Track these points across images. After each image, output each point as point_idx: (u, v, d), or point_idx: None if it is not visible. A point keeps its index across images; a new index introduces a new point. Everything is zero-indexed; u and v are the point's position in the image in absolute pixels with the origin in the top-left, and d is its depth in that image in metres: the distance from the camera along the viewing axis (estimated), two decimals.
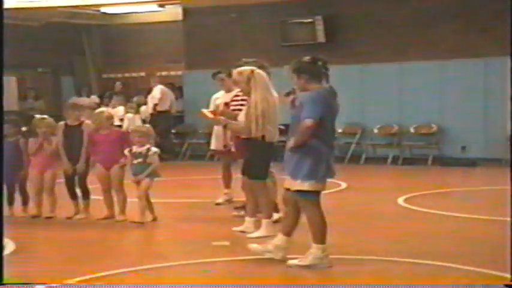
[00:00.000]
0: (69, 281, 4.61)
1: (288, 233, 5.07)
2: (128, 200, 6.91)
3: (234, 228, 6.19)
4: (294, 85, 5.00)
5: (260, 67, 6.65)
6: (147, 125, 6.90)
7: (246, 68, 6.04)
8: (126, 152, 6.73)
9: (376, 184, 9.89)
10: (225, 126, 6.41)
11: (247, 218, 6.20)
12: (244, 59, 6.72)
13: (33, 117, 7.53)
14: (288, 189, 4.98)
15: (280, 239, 5.07)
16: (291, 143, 4.89)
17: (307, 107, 4.80)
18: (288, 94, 5.05)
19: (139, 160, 6.65)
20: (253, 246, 5.20)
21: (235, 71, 6.09)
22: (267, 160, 6.04)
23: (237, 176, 6.91)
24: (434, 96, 11.96)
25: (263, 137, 5.89)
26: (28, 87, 14.78)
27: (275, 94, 6.05)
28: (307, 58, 4.98)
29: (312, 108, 4.79)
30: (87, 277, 4.72)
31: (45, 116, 7.36)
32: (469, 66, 11.59)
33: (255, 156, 5.99)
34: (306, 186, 4.85)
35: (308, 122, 4.75)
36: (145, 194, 6.69)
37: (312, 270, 4.85)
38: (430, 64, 11.92)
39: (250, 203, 6.22)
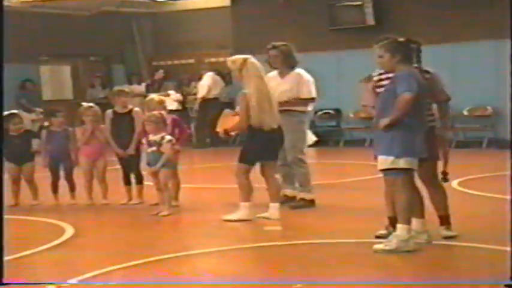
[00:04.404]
0: (128, 264, 4.71)
1: (421, 215, 4.99)
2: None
3: (258, 215, 6.13)
4: (378, 64, 4.89)
5: (289, 51, 6.65)
6: (163, 112, 6.70)
7: (239, 57, 6.10)
8: (143, 140, 6.64)
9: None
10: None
11: (270, 204, 6.16)
12: (273, 43, 6.74)
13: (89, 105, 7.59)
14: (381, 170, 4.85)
15: (415, 224, 4.91)
16: (385, 120, 4.71)
17: (404, 82, 4.72)
18: (368, 79, 4.97)
19: (153, 149, 6.46)
20: (379, 246, 4.81)
21: (228, 59, 6.18)
22: (259, 147, 6.01)
23: None
24: (488, 78, 11.65)
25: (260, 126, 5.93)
26: (96, 75, 15.00)
27: (276, 77, 6.16)
28: (402, 39, 4.90)
29: (408, 82, 4.71)
30: (143, 260, 4.80)
31: (92, 104, 7.44)
32: None
33: (247, 142, 6.09)
34: (401, 163, 4.74)
35: (407, 95, 4.66)
36: (165, 186, 6.52)
37: (397, 253, 4.69)
38: (484, 44, 11.61)
39: (270, 189, 6.19)
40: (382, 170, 4.85)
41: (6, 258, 3.77)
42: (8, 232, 3.89)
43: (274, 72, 6.76)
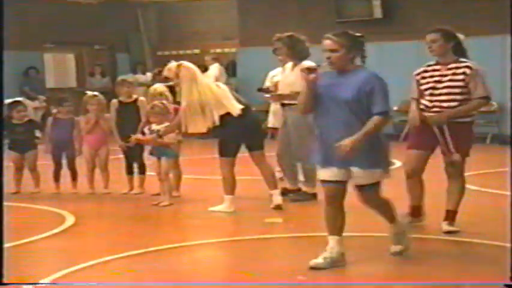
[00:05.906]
0: (128, 253, 4.71)
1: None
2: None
3: (271, 206, 6.19)
4: (333, 57, 4.32)
5: (297, 41, 6.59)
6: (164, 102, 6.69)
7: (174, 64, 6.09)
8: (145, 129, 6.62)
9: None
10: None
11: (270, 192, 6.26)
12: (278, 34, 6.69)
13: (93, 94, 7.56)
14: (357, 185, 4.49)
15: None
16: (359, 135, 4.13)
17: (383, 95, 4.26)
18: (310, 70, 4.22)
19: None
20: (398, 248, 4.60)
21: (165, 69, 6.15)
22: (231, 137, 6.10)
23: None
24: (494, 73, 11.53)
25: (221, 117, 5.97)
26: (96, 64, 14.97)
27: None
28: (357, 33, 4.55)
29: (386, 97, 4.29)
30: (142, 250, 4.80)
31: (97, 93, 7.41)
32: None
33: (219, 136, 6.17)
34: (388, 174, 4.38)
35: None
36: (166, 175, 6.53)
37: None
38: (490, 39, 11.53)
39: (265, 176, 6.29)
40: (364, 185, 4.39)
41: (6, 245, 3.76)
42: (9, 219, 3.89)
43: (289, 64, 6.72)
